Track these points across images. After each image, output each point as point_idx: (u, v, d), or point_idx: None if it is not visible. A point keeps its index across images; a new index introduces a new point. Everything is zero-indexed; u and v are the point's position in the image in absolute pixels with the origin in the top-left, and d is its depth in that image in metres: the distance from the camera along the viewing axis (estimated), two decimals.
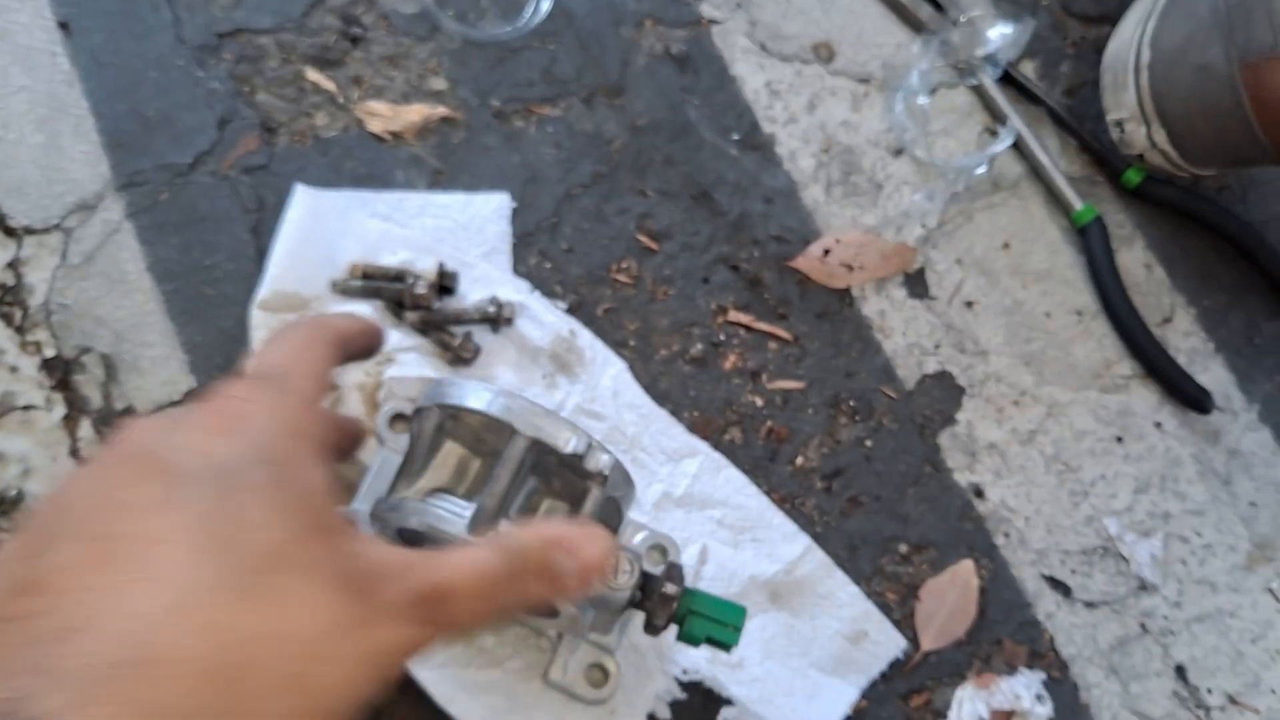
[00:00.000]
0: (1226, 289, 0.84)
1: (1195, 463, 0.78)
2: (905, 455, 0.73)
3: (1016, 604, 0.71)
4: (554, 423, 0.51)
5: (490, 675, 0.61)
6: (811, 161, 0.79)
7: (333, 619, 0.30)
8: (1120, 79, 0.81)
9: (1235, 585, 0.75)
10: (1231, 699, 0.72)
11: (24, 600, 0.26)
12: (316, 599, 0.29)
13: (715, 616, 0.55)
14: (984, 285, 0.79)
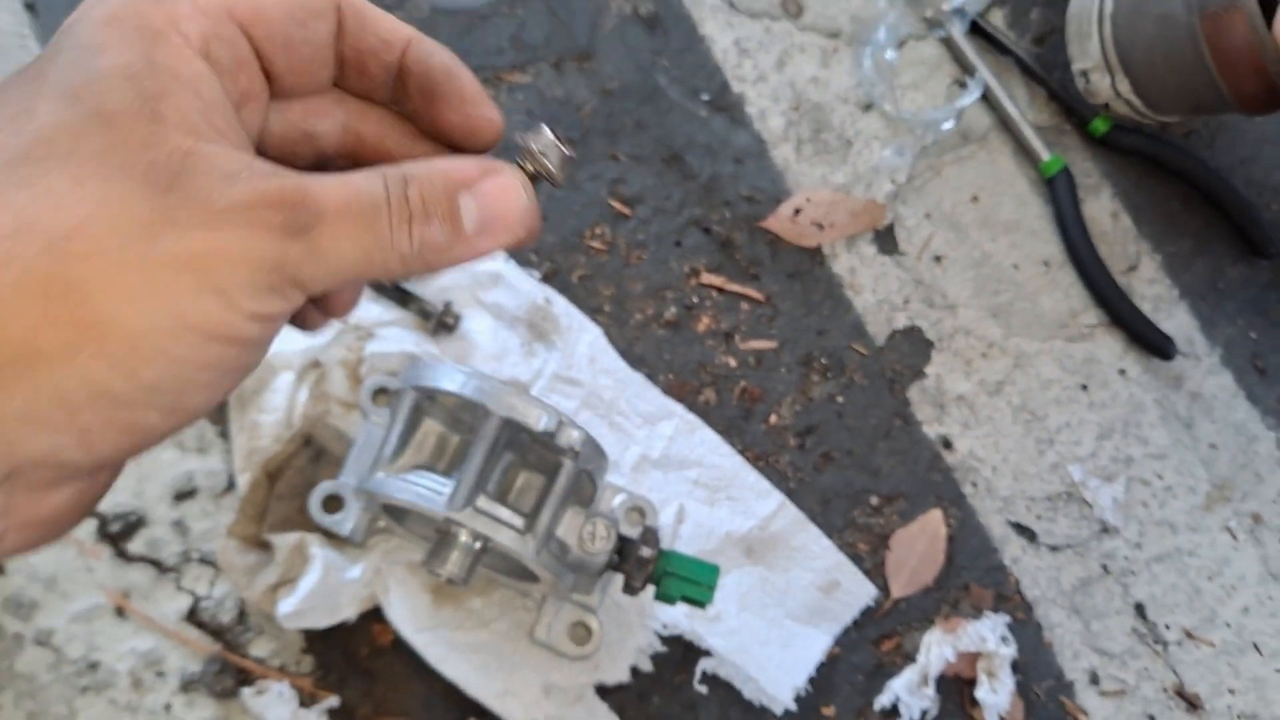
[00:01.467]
0: (1192, 235, 0.85)
1: (1158, 408, 0.80)
2: (876, 410, 0.76)
3: (983, 550, 0.75)
4: (525, 401, 0.53)
5: (479, 636, 0.64)
6: (781, 120, 0.80)
7: (123, 214, 0.24)
8: (1085, 29, 0.81)
9: (1194, 525, 0.78)
10: (1188, 633, 0.76)
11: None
12: (98, 191, 0.24)
13: (690, 576, 0.58)
14: (953, 239, 0.81)
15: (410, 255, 0.28)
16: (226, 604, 0.65)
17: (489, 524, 0.53)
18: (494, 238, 0.30)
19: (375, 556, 0.64)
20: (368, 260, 0.27)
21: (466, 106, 0.33)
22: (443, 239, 0.29)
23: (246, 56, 0.30)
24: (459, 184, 0.29)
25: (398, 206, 0.28)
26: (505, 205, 0.30)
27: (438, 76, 0.32)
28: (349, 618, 0.63)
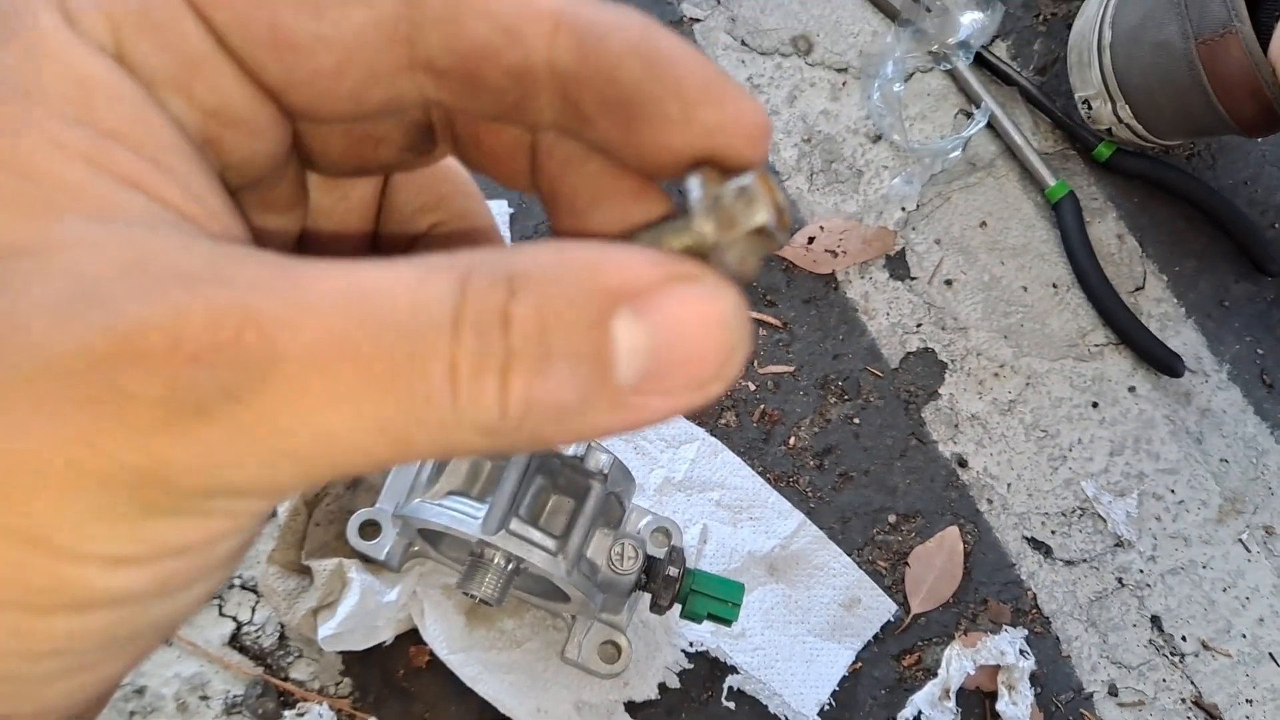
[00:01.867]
0: (1196, 254, 0.87)
1: (1168, 423, 0.82)
2: (891, 430, 0.78)
3: (1000, 565, 0.76)
4: None
5: (511, 656, 0.66)
6: (794, 152, 0.83)
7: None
8: (1085, 58, 0.84)
9: (1207, 538, 0.80)
10: (1204, 644, 0.77)
11: None
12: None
13: (715, 594, 0.60)
14: (962, 263, 0.83)
15: (496, 427, 0.15)
16: (268, 629, 0.68)
17: (522, 546, 0.55)
18: (669, 398, 0.16)
19: (411, 580, 0.66)
20: (384, 441, 0.15)
21: (693, 111, 0.17)
22: (571, 398, 0.15)
23: (200, 54, 0.17)
24: (615, 296, 0.15)
25: (480, 335, 0.15)
26: (699, 341, 0.16)
27: (628, 74, 0.17)
28: (386, 639, 0.66)
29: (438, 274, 0.15)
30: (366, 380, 0.14)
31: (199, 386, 0.14)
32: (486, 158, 0.21)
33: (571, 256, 0.15)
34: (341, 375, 0.14)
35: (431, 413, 0.15)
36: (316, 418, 0.14)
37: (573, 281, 0.15)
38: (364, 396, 0.14)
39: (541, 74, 0.17)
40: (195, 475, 0.15)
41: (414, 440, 0.15)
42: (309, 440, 0.15)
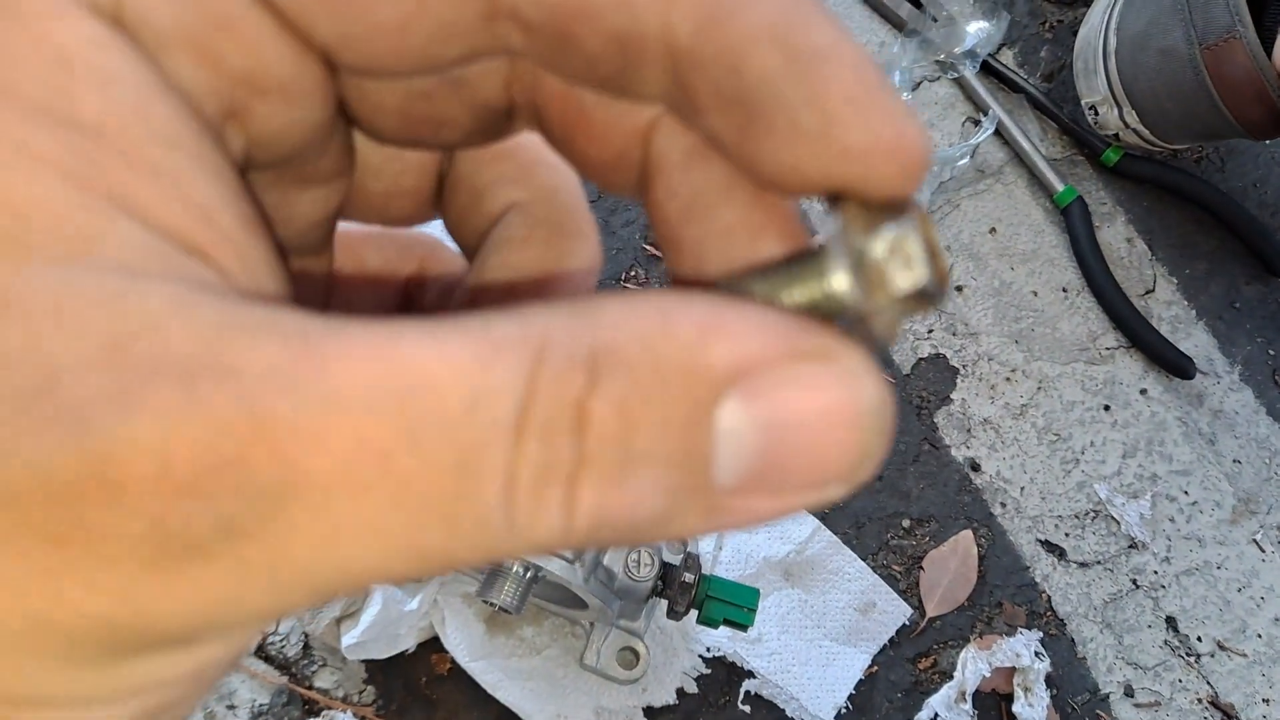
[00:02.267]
0: (1206, 257, 0.88)
1: (1180, 425, 0.83)
2: (904, 435, 0.79)
3: (1014, 568, 0.77)
4: None
5: (531, 663, 0.68)
6: None
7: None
8: (1091, 65, 0.85)
9: (1221, 539, 0.80)
10: (1220, 645, 0.77)
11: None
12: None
13: (731, 600, 0.61)
14: (973, 269, 0.84)
15: (553, 542, 0.12)
16: (292, 639, 0.69)
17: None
18: (777, 500, 0.13)
19: (432, 589, 0.67)
20: (420, 562, 0.12)
21: (836, 127, 0.13)
22: (658, 509, 0.12)
23: (231, 11, 0.14)
24: (722, 382, 0.12)
25: (548, 441, 0.12)
26: (823, 440, 0.12)
27: (758, 65, 0.13)
28: (408, 648, 0.67)
29: (504, 355, 0.11)
30: (403, 503, 0.11)
31: (192, 523, 0.11)
32: (586, 150, 0.17)
33: (673, 326, 0.12)
34: (372, 498, 0.11)
35: (480, 533, 0.12)
36: (339, 549, 0.11)
37: (671, 363, 0.12)
38: (399, 522, 0.11)
39: (651, 46, 0.13)
40: (185, 620, 0.12)
41: (456, 558, 0.12)
42: (328, 572, 0.12)
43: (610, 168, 0.17)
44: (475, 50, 0.15)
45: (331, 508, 0.11)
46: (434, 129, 0.17)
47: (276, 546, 0.11)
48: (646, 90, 0.14)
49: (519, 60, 0.16)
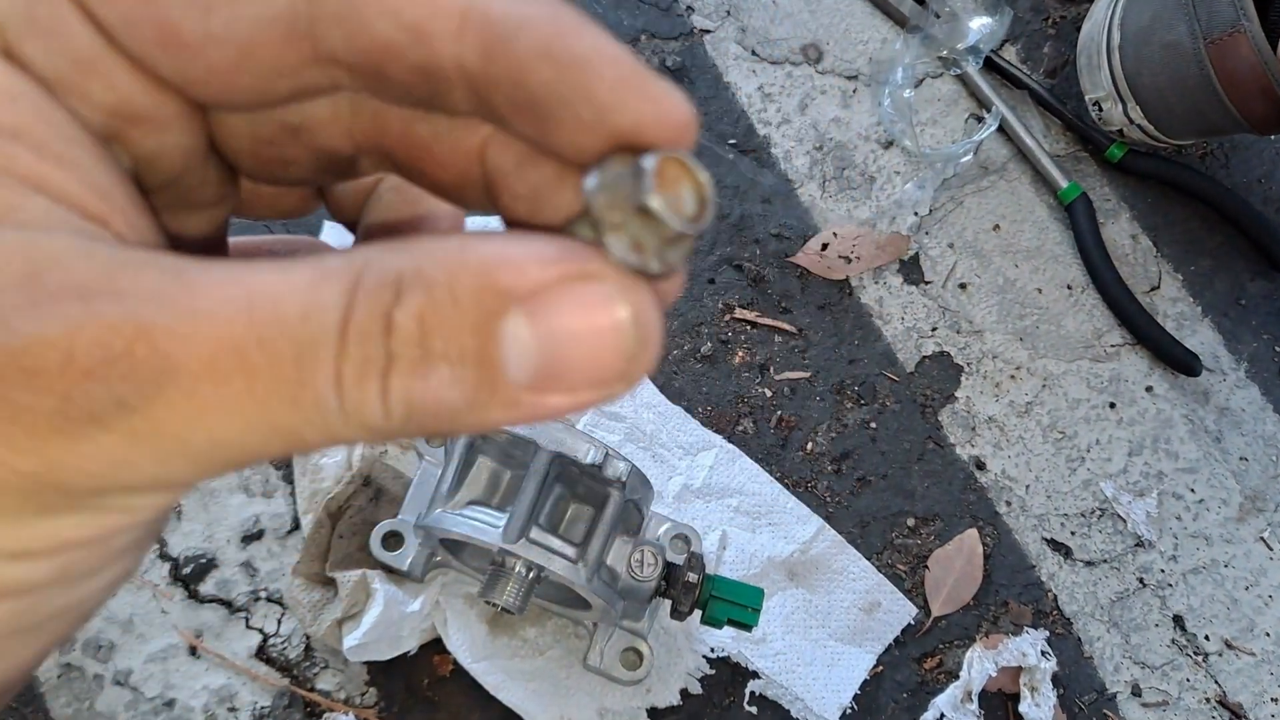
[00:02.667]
0: (1211, 253, 0.87)
1: (1186, 423, 0.82)
2: (909, 434, 0.78)
3: (1020, 567, 0.76)
4: (574, 436, 0.56)
5: (534, 664, 0.67)
6: (806, 160, 0.83)
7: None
8: (1094, 61, 0.84)
9: (1228, 537, 0.80)
10: (1228, 644, 0.77)
11: None
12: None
13: (735, 599, 0.61)
14: (976, 267, 0.83)
15: (381, 426, 0.16)
16: (294, 640, 0.68)
17: (542, 554, 0.56)
18: (570, 395, 0.16)
19: (434, 589, 0.67)
20: (277, 439, 0.16)
21: (606, 114, 0.16)
22: (455, 397, 0.16)
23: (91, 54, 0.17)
24: (504, 297, 0.15)
25: (363, 341, 0.15)
26: (591, 347, 0.16)
27: (536, 77, 0.16)
28: (410, 649, 0.67)
29: (329, 279, 0.15)
30: (255, 388, 0.15)
31: (92, 399, 0.14)
32: (435, 177, 0.20)
33: (469, 255, 0.15)
34: (231, 383, 0.15)
35: (319, 415, 0.15)
36: (208, 423, 0.15)
37: (463, 283, 0.15)
38: (253, 403, 0.15)
39: (450, 73, 0.17)
40: (89, 478, 0.15)
41: (305, 437, 0.16)
42: (202, 443, 0.15)
43: (459, 188, 0.20)
44: (304, 88, 0.18)
45: (199, 390, 0.15)
46: (283, 168, 0.21)
47: (158, 419, 0.15)
48: (459, 107, 0.18)
49: (360, 110, 0.19)
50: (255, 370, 0.15)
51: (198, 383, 0.15)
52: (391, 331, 0.15)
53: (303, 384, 0.15)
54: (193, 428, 0.15)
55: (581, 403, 0.16)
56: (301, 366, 0.15)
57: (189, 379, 0.15)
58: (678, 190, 0.16)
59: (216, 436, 0.15)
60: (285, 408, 0.15)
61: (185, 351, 0.15)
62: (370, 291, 0.15)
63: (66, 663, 0.66)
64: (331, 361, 0.15)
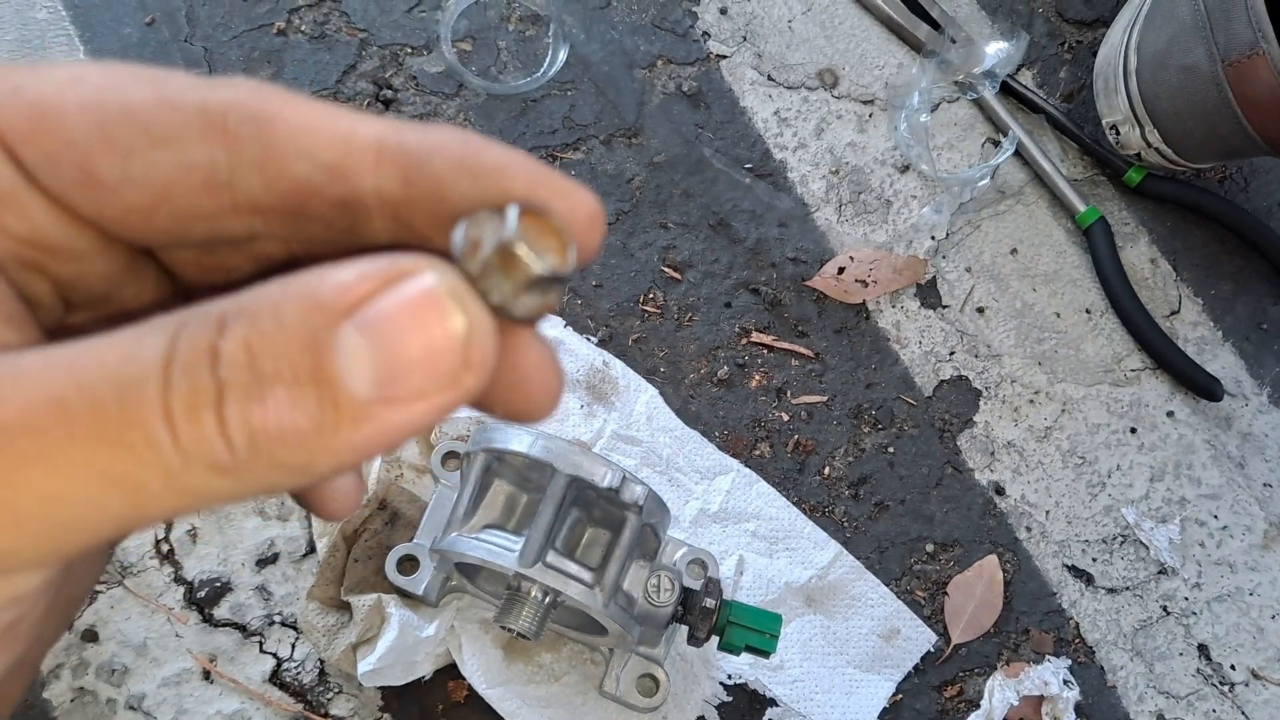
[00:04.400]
0: (1232, 277, 0.87)
1: (1209, 448, 0.81)
2: (927, 459, 0.78)
3: (1041, 594, 0.75)
4: (591, 460, 0.55)
5: (550, 690, 0.66)
6: (822, 184, 0.83)
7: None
8: (1111, 84, 0.84)
9: (1253, 564, 0.79)
10: (1254, 674, 0.76)
11: None
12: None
13: (753, 625, 0.60)
14: (994, 291, 0.83)
15: (228, 462, 0.15)
16: (308, 665, 0.68)
17: (559, 578, 0.55)
18: (423, 399, 0.16)
19: (449, 614, 0.66)
20: (117, 492, 0.15)
21: None
22: (303, 421, 0.15)
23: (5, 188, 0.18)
24: (333, 311, 0.15)
25: (188, 373, 0.15)
26: (421, 334, 0.15)
27: (455, 191, 0.18)
28: (425, 675, 0.66)
29: (153, 328, 0.15)
30: (75, 432, 0.14)
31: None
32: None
33: (294, 283, 0.15)
34: (50, 433, 0.14)
35: (154, 455, 0.15)
36: (32, 478, 0.15)
37: (287, 308, 0.15)
38: (77, 449, 0.15)
39: (370, 202, 0.18)
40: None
41: (146, 486, 0.15)
42: (29, 501, 0.15)
43: None
44: (219, 232, 0.19)
45: (15, 444, 0.14)
46: (225, 274, 0.21)
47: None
48: (378, 236, 0.19)
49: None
50: (75, 416, 0.15)
51: (13, 436, 0.14)
52: (218, 360, 0.15)
53: (128, 423, 0.15)
54: (16, 484, 0.15)
55: (434, 406, 0.16)
56: (125, 406, 0.15)
57: (3, 434, 0.14)
58: (543, 241, 0.17)
59: (43, 491, 0.15)
60: (113, 450, 0.15)
61: (13, 403, 0.15)
62: (193, 330, 0.15)
63: (80, 686, 0.66)
64: (157, 397, 0.15)
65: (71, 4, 0.77)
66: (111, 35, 0.77)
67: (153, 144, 0.17)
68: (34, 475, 0.15)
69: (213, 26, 0.79)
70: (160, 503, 0.15)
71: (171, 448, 0.15)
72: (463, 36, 0.82)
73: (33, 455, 0.14)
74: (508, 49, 0.82)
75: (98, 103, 0.17)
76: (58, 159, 0.18)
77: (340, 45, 0.80)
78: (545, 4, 0.83)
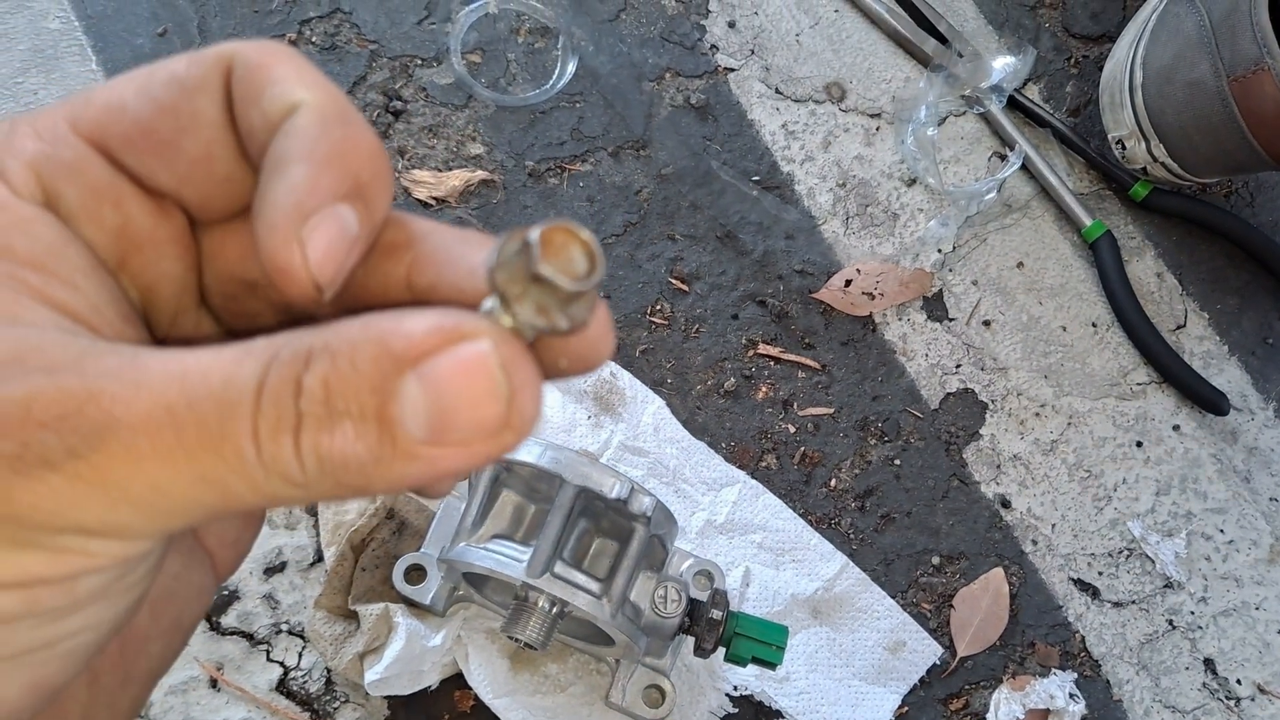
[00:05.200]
0: (1238, 292, 0.87)
1: (1214, 462, 0.81)
2: (933, 471, 0.78)
3: (1047, 607, 0.75)
4: (599, 470, 0.56)
5: (556, 700, 0.67)
6: (829, 197, 0.84)
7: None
8: (1117, 99, 0.84)
9: (1260, 578, 0.79)
10: (1260, 688, 0.76)
11: None
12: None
13: (760, 637, 0.60)
14: (1000, 304, 0.83)
15: (299, 478, 0.18)
16: (314, 674, 0.68)
17: (566, 589, 0.55)
18: (465, 447, 0.18)
19: (456, 624, 0.66)
20: (210, 491, 0.18)
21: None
22: (364, 453, 0.18)
23: (104, 183, 0.21)
24: (401, 360, 0.18)
25: (275, 402, 0.18)
26: (470, 394, 0.18)
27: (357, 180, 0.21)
28: (432, 684, 0.66)
29: (251, 354, 0.18)
30: (184, 439, 0.18)
31: (46, 446, 0.17)
32: (377, 307, 0.23)
33: (371, 328, 0.18)
34: (164, 437, 0.17)
35: (242, 467, 0.18)
36: (145, 470, 0.18)
37: (362, 351, 0.18)
38: (183, 452, 0.18)
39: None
40: (45, 514, 0.18)
41: (233, 489, 0.18)
42: (142, 489, 0.18)
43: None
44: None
45: (136, 441, 0.17)
46: (250, 320, 0.25)
47: (101, 465, 0.17)
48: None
49: None
50: (183, 425, 0.17)
51: (135, 435, 0.17)
52: (300, 394, 0.18)
53: (224, 437, 0.18)
54: (132, 474, 0.18)
55: (476, 454, 0.18)
56: (223, 423, 0.18)
57: (128, 432, 0.17)
58: (567, 254, 0.18)
59: (154, 483, 0.18)
60: (211, 458, 0.18)
61: (126, 411, 0.17)
62: (284, 362, 0.18)
63: None
64: (249, 419, 0.18)
65: (84, 14, 0.78)
66: (124, 45, 0.78)
67: (186, 94, 0.21)
68: (148, 468, 0.18)
69: (224, 37, 0.79)
70: (242, 501, 0.18)
71: (256, 462, 0.18)
72: (472, 48, 0.82)
73: (149, 453, 0.17)
74: (517, 61, 0.83)
75: (145, 81, 0.21)
76: (132, 139, 0.21)
77: (350, 56, 0.80)
78: (554, 16, 0.83)
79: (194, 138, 0.21)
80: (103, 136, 0.21)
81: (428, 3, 0.83)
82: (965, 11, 0.91)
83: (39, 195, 0.21)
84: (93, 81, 0.77)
